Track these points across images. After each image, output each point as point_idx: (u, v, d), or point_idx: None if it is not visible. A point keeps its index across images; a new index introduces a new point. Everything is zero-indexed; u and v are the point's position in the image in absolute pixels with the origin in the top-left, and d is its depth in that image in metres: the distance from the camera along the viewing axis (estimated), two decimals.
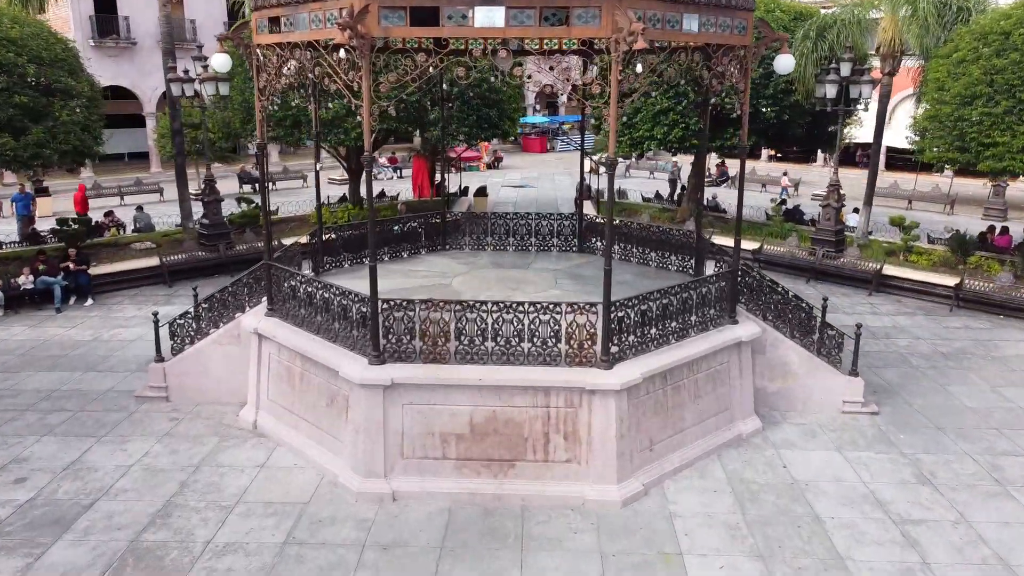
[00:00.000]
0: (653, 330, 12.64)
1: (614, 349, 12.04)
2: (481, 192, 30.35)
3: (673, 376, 12.77)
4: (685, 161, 44.02)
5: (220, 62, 13.17)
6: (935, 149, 20.65)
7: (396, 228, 18.12)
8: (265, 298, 14.55)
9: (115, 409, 14.94)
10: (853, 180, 36.13)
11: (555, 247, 18.59)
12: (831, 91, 22.18)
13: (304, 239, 17.01)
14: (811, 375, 14.77)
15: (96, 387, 15.93)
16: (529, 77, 16.26)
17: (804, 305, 15.04)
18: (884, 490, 12.28)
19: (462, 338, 11.97)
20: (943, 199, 33.06)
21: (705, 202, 28.76)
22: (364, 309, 12.20)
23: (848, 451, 13.49)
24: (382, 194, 30.79)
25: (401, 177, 39.13)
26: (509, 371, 11.85)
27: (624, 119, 24.80)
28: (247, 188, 35.60)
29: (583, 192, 31.27)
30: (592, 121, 30.66)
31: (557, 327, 11.85)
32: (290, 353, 13.50)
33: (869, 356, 17.29)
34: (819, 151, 44.87)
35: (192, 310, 15.37)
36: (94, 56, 38.91)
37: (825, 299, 16.48)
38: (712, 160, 44.41)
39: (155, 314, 15.39)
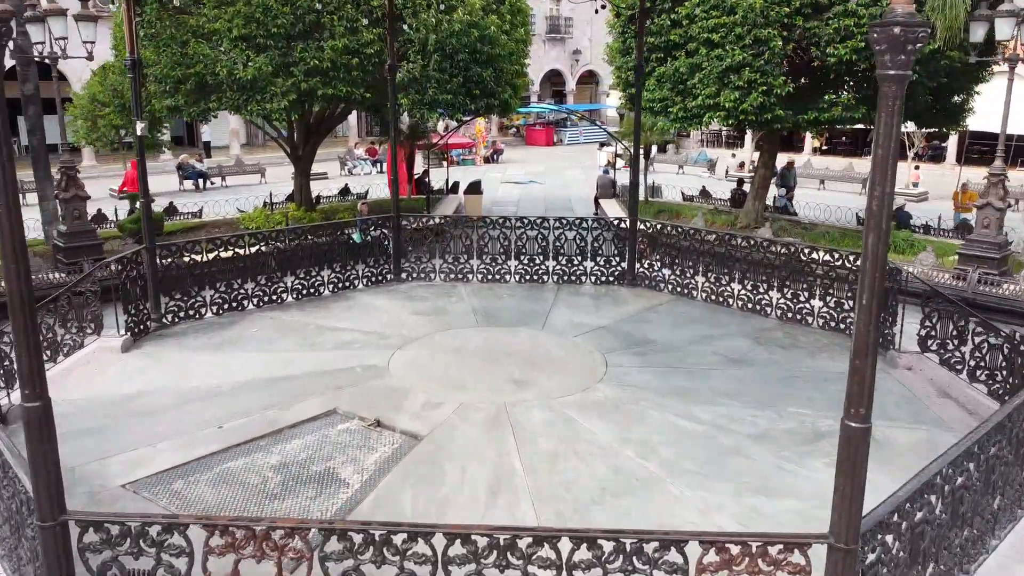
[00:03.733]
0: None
1: None
2: (474, 188, 21.86)
3: None
4: (723, 154, 35.38)
5: None
6: None
7: (343, 237, 9.63)
8: None
9: None
10: (937, 176, 27.61)
11: (588, 276, 10.08)
12: (1004, 29, 13.63)
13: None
14: None
15: None
16: None
17: None
18: None
19: None
20: None
21: (771, 202, 20.23)
22: None
23: None
24: (346, 190, 22.34)
25: (381, 172, 30.58)
26: None
27: (676, 79, 16.22)
28: (188, 185, 27.07)
29: (610, 186, 22.63)
30: (618, 99, 22.21)
31: None
32: None
33: None
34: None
35: None
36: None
37: None
38: (742, 152, 35.80)
39: None
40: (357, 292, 9.67)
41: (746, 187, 21.86)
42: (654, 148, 32.98)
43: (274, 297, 9.20)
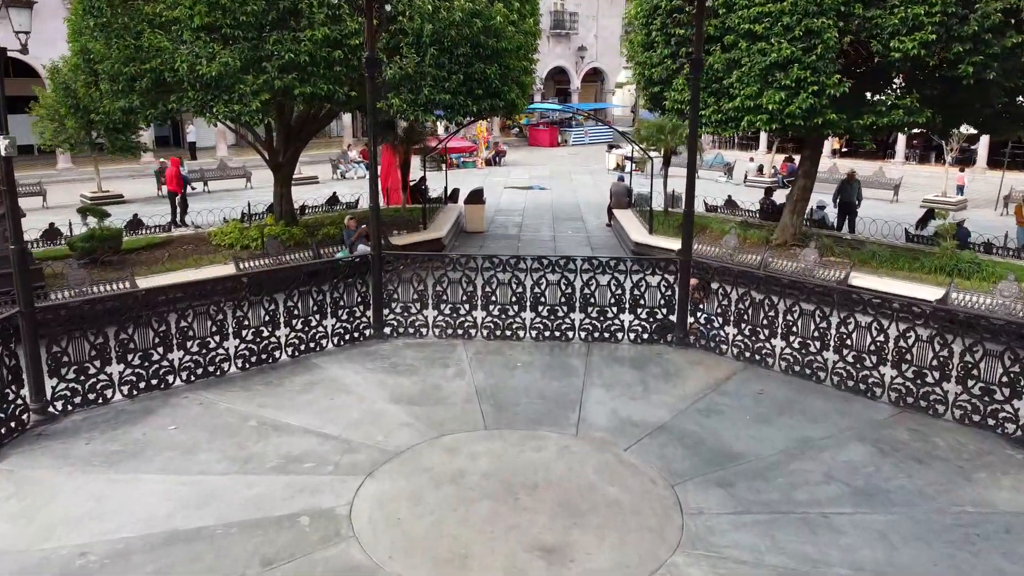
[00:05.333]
0: None
1: None
2: (475, 197, 19.31)
3: None
4: (738, 156, 32.77)
5: None
6: None
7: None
8: None
9: None
10: (966, 181, 24.96)
11: (627, 332, 7.61)
12: None
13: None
14: None
15: None
16: None
17: None
18: None
19: None
20: None
21: (809, 213, 17.64)
22: None
23: None
24: (334, 199, 19.78)
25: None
26: None
27: (710, 77, 13.67)
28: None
29: (625, 194, 19.87)
30: (630, 93, 19.74)
31: None
32: None
33: None
34: (897, 144, 33.48)
35: None
36: None
37: None
38: (759, 154, 33.24)
39: None
40: (324, 357, 7.17)
41: (776, 196, 19.35)
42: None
43: (211, 368, 6.70)
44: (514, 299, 7.57)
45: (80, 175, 27.96)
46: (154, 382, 6.42)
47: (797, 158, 28.88)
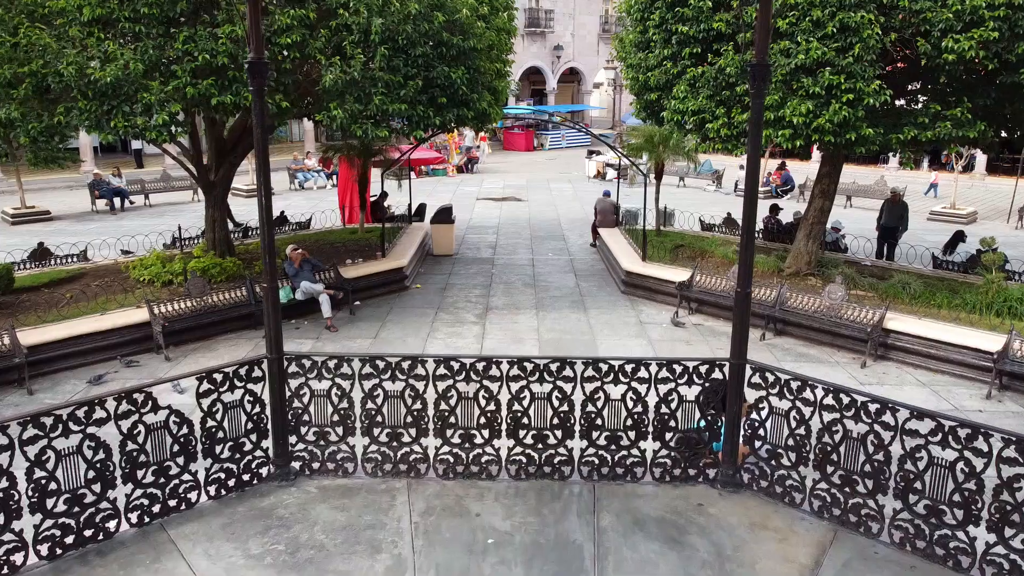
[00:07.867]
0: None
1: None
2: (443, 216, 16.58)
3: None
4: (726, 162, 30.18)
5: None
6: None
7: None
8: None
9: None
10: (965, 188, 22.75)
11: (649, 468, 5.05)
12: None
13: None
14: None
15: None
16: None
17: None
18: None
19: None
20: None
21: (824, 235, 15.11)
22: None
23: None
24: (282, 219, 16.94)
25: (336, 186, 25.28)
26: None
27: (719, 83, 11.08)
28: (103, 204, 21.40)
29: (612, 211, 17.13)
30: (609, 98, 17.34)
31: None
32: None
33: None
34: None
35: None
36: None
37: None
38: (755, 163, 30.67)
39: None
40: (190, 524, 4.51)
41: (782, 215, 16.87)
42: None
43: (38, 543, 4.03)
44: (483, 420, 4.97)
45: (11, 187, 24.77)
46: None
47: (791, 164, 26.60)
